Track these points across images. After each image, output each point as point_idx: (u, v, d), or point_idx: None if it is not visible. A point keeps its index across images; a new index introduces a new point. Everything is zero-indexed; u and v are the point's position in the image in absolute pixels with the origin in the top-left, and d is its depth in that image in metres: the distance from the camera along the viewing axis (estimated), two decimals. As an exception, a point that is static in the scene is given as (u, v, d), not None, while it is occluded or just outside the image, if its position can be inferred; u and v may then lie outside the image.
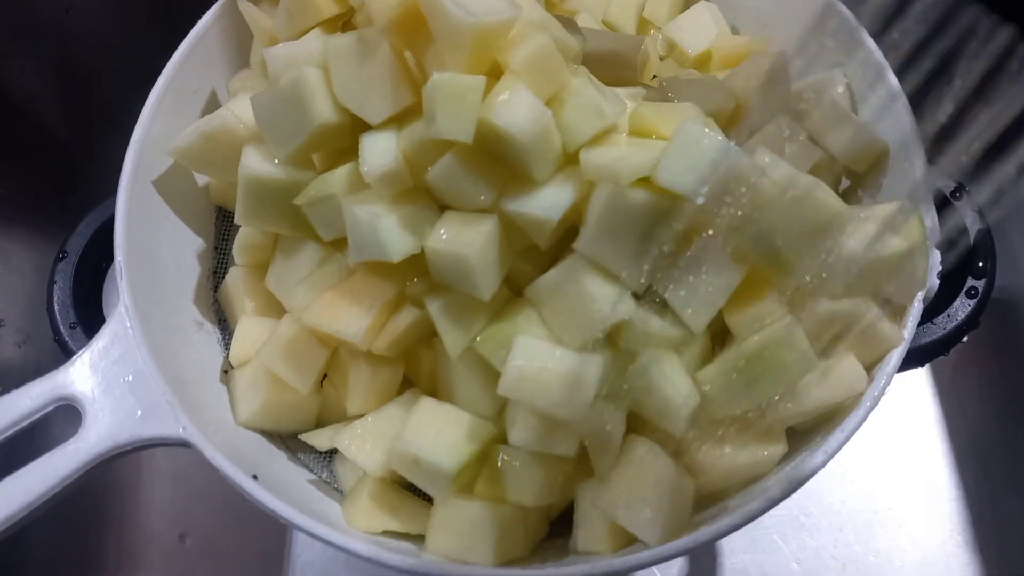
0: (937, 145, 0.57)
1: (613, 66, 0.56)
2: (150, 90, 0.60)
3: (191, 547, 0.85)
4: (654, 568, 0.82)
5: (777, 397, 0.48)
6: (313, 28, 0.55)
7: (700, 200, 0.44)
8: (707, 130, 0.44)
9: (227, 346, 0.60)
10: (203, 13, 0.63)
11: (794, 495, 0.48)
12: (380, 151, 0.49)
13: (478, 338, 0.50)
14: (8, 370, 0.81)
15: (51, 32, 0.83)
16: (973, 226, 0.64)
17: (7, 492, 0.48)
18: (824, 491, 0.83)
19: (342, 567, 0.82)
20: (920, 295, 0.51)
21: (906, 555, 0.80)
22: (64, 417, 0.55)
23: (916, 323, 0.51)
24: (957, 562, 0.80)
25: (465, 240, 0.47)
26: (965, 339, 0.62)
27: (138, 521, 0.86)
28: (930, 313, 0.61)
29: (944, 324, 0.61)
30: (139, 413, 0.50)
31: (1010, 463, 0.82)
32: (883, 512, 0.81)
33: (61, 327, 0.63)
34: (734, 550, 0.82)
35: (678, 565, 0.82)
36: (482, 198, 0.48)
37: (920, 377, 0.88)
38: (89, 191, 0.89)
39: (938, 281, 0.67)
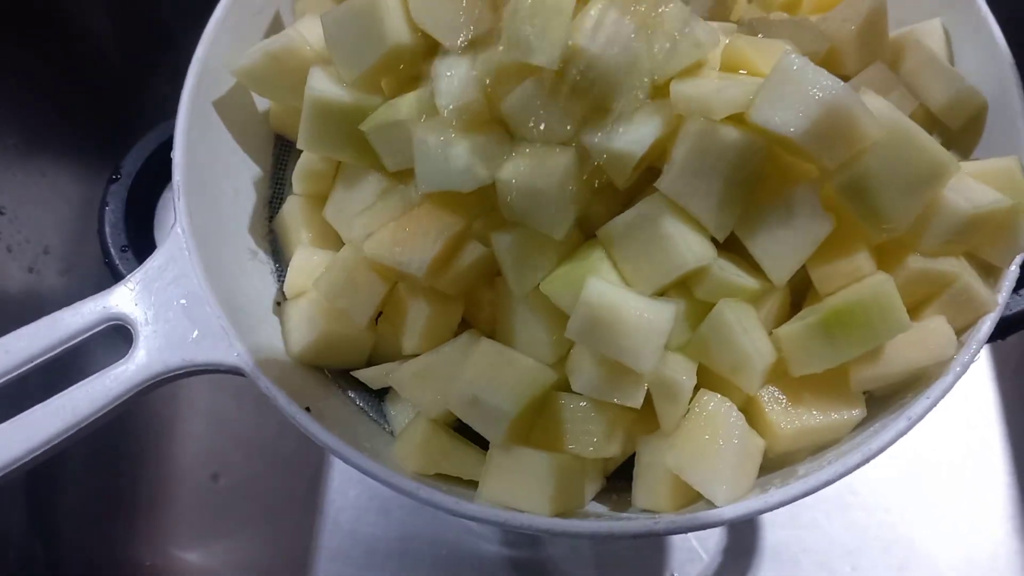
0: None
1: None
2: (207, 12, 0.57)
3: (224, 486, 0.85)
4: (690, 536, 0.80)
5: (860, 358, 0.45)
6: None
7: (798, 140, 0.41)
8: (809, 63, 0.41)
9: (280, 278, 0.58)
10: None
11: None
12: (456, 80, 0.46)
13: (545, 279, 0.48)
14: (52, 298, 0.80)
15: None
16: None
17: (55, 410, 0.47)
18: (871, 469, 0.80)
19: (375, 514, 0.81)
20: (1019, 259, 0.48)
21: (953, 539, 0.78)
22: (112, 341, 0.54)
23: (1012, 288, 0.48)
24: (1005, 550, 0.78)
25: (542, 173, 0.45)
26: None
27: (172, 457, 0.86)
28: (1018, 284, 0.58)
29: (1031, 296, 0.57)
30: (192, 336, 0.49)
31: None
32: (931, 494, 0.79)
33: (112, 249, 0.61)
34: (775, 524, 0.80)
35: (716, 536, 0.80)
36: (561, 129, 0.45)
37: (981, 359, 0.85)
38: (141, 116, 0.87)
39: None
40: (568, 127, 0.45)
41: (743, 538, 0.80)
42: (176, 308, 0.50)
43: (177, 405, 0.87)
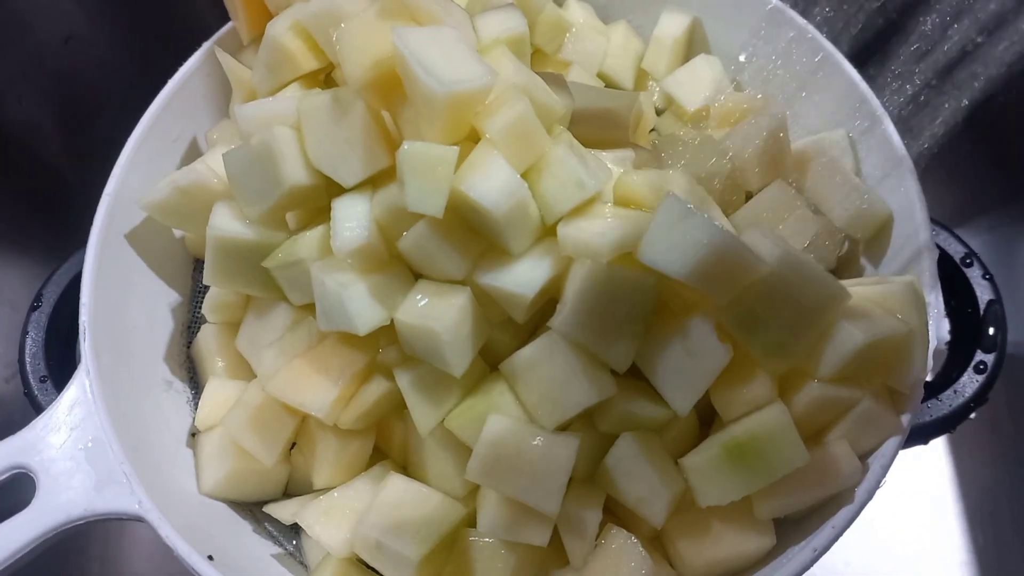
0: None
1: (604, 125, 0.54)
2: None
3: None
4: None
5: (764, 488, 0.45)
6: (292, 82, 0.53)
7: (685, 280, 0.41)
8: (691, 207, 0.41)
9: (197, 405, 0.58)
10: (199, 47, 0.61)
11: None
12: (353, 223, 0.46)
13: (449, 414, 0.48)
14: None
15: (50, 63, 0.81)
16: (983, 296, 0.61)
17: (-46, 567, 0.46)
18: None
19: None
20: (920, 382, 0.48)
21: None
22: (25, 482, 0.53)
23: (916, 410, 0.48)
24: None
25: (436, 314, 0.45)
26: (972, 415, 0.59)
27: (123, 561, 0.84)
28: (937, 387, 0.58)
29: (950, 401, 0.57)
30: (94, 484, 0.48)
31: (1022, 527, 0.78)
32: (888, 574, 0.77)
33: (31, 380, 0.61)
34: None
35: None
36: (456, 269, 0.46)
37: (935, 448, 0.84)
38: (82, 224, 0.87)
39: (946, 349, 0.64)
40: (462, 267, 0.46)
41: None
42: (80, 454, 0.49)
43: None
